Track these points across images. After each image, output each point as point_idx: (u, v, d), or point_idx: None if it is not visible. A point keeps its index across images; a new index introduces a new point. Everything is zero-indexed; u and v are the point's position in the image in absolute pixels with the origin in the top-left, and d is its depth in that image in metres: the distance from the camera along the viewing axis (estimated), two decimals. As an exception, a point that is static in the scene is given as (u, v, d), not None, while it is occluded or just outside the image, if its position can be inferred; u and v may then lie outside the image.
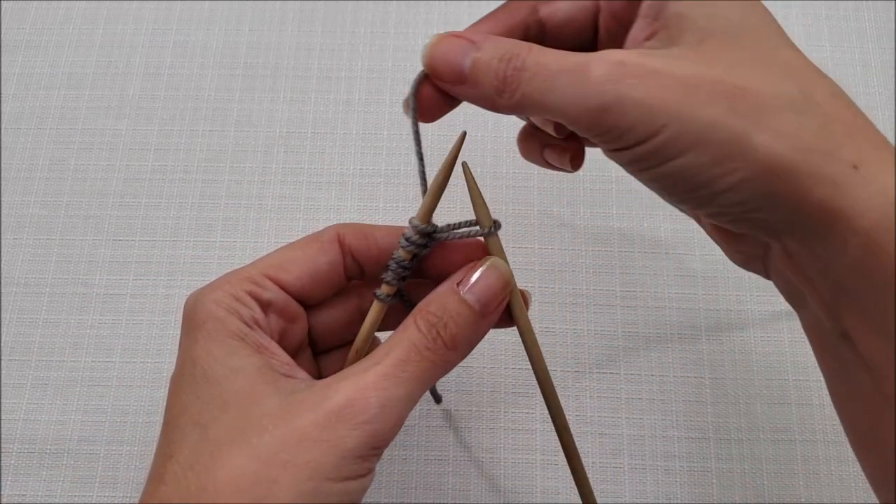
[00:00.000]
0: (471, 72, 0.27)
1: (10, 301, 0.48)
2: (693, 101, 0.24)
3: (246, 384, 0.26)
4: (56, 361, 0.46)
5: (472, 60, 0.27)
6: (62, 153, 0.52)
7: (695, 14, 0.26)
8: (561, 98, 0.26)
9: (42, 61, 0.55)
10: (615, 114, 0.25)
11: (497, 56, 0.27)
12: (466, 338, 0.28)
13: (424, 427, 0.44)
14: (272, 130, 0.52)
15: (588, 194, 0.50)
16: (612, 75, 0.25)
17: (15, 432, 0.44)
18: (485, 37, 0.28)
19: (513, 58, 0.27)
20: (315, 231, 0.32)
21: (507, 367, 0.45)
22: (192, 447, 0.25)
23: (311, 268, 0.30)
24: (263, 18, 0.56)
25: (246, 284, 0.29)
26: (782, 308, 0.47)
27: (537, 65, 0.26)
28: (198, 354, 0.27)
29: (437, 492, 0.43)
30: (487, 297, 0.29)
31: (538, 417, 0.44)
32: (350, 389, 0.26)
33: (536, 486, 0.43)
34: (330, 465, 0.25)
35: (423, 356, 0.27)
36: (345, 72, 0.54)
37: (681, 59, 0.25)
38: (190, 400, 0.26)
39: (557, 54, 0.26)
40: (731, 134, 0.24)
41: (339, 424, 0.25)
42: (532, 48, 0.27)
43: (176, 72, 0.54)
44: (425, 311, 0.28)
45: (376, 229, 0.32)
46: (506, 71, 0.27)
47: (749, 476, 0.43)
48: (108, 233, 0.49)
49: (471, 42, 0.27)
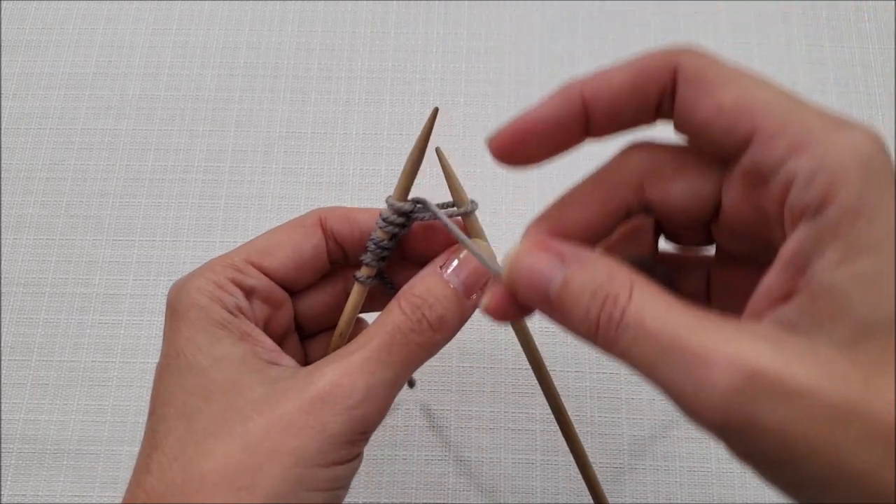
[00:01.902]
0: (557, 300, 0.23)
1: (10, 301, 0.48)
2: (844, 441, 0.18)
3: (230, 373, 0.26)
4: (56, 361, 0.46)
5: (560, 285, 0.22)
6: (62, 153, 0.52)
7: (855, 295, 0.19)
8: (670, 382, 0.20)
9: (42, 61, 0.55)
10: (742, 434, 0.19)
11: (589, 290, 0.22)
12: (451, 319, 0.28)
13: (424, 427, 0.44)
14: (272, 130, 0.52)
15: (588, 194, 0.50)
16: (744, 390, 0.18)
17: (15, 432, 0.44)
18: (576, 253, 0.23)
19: (607, 299, 0.21)
20: (298, 216, 0.32)
21: (507, 367, 0.45)
22: (177, 438, 0.25)
23: (295, 253, 0.30)
24: (263, 18, 0.56)
25: (229, 271, 0.28)
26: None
27: (639, 324, 0.20)
28: (181, 344, 0.27)
29: (437, 492, 0.43)
30: (471, 279, 0.29)
31: (538, 417, 0.44)
32: (335, 374, 0.26)
33: (536, 486, 0.43)
34: (316, 451, 0.25)
35: (409, 339, 0.27)
36: (345, 72, 0.54)
37: (830, 369, 0.19)
38: (174, 391, 0.26)
39: (669, 312, 0.20)
40: (884, 488, 0.18)
41: (325, 410, 0.25)
42: (634, 291, 0.21)
43: (176, 72, 0.54)
44: (409, 294, 0.28)
45: (358, 212, 0.32)
46: (599, 315, 0.21)
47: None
48: (108, 233, 0.49)
49: (560, 258, 0.23)
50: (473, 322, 0.46)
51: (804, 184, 0.20)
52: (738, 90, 0.22)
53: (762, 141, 0.22)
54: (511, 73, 0.54)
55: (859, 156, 0.20)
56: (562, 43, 0.54)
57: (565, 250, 0.23)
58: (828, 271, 0.20)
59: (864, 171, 0.20)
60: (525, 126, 0.25)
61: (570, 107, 0.24)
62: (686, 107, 0.23)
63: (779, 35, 0.54)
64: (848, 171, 0.19)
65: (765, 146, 0.22)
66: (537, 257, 0.23)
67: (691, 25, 0.55)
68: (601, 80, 0.25)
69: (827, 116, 0.21)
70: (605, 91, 0.24)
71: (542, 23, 0.55)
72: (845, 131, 0.20)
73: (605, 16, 0.55)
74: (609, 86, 0.24)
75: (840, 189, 0.19)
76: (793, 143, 0.21)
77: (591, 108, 0.25)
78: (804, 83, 0.53)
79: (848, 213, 0.19)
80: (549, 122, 0.25)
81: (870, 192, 0.19)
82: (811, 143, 0.20)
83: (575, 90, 0.24)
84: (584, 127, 0.25)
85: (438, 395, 0.45)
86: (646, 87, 0.24)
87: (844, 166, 0.20)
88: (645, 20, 0.55)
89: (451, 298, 0.28)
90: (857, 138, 0.20)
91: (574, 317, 0.22)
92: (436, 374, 0.45)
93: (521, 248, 0.24)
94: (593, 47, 0.54)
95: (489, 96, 0.53)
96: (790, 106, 0.21)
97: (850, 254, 0.19)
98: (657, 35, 0.54)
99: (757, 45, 0.54)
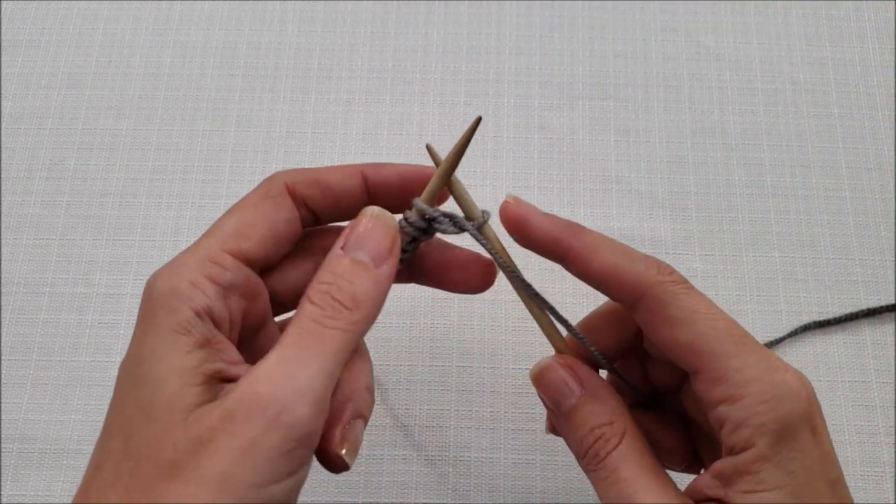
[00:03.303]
0: (564, 416, 0.30)
1: (10, 301, 0.48)
2: None
3: (175, 389, 0.24)
4: (56, 361, 0.46)
5: (571, 407, 0.30)
6: (62, 153, 0.52)
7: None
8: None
9: (42, 61, 0.55)
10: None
11: (589, 425, 0.29)
12: (366, 293, 0.27)
13: (424, 427, 0.44)
14: (272, 130, 0.52)
15: (588, 194, 0.50)
16: None
17: (15, 432, 0.44)
18: (593, 385, 0.30)
19: (600, 439, 0.28)
20: (258, 185, 0.30)
21: (507, 367, 0.45)
22: (115, 462, 0.24)
23: (271, 230, 0.29)
24: (263, 18, 0.56)
25: (206, 267, 0.27)
26: (782, 308, 0.47)
27: (614, 469, 0.28)
28: (143, 352, 0.25)
29: (437, 492, 0.43)
30: (376, 247, 0.28)
31: (538, 417, 0.44)
32: (255, 385, 0.24)
33: (536, 486, 0.43)
34: (249, 471, 0.23)
35: (326, 325, 0.26)
36: (345, 72, 0.54)
37: None
38: (126, 401, 0.25)
39: (639, 469, 0.28)
40: None
41: (250, 425, 0.23)
42: (623, 441, 0.28)
43: (176, 72, 0.54)
44: (315, 283, 0.27)
45: (328, 173, 0.31)
46: (590, 447, 0.29)
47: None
48: (108, 233, 0.49)
49: (579, 383, 0.30)
50: (474, 322, 0.46)
51: (731, 429, 0.26)
52: (691, 333, 0.27)
53: (704, 381, 0.27)
54: (511, 73, 0.54)
55: (779, 411, 0.25)
56: (562, 43, 0.55)
57: (585, 378, 0.30)
58: (738, 495, 0.26)
59: (780, 424, 0.25)
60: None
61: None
62: (646, 327, 0.29)
63: (779, 35, 0.54)
64: (765, 426, 0.25)
65: (706, 387, 0.27)
66: (563, 374, 0.30)
67: (691, 25, 0.55)
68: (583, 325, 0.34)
69: (763, 363, 0.26)
70: (590, 320, 0.34)
71: (542, 23, 0.55)
72: (775, 382, 0.26)
73: (605, 16, 0.55)
74: (591, 323, 0.34)
75: (758, 440, 0.25)
76: (727, 393, 0.26)
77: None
78: (804, 83, 0.53)
79: (759, 458, 0.25)
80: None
81: (780, 444, 0.25)
82: (742, 397, 0.26)
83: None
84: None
85: (438, 395, 0.45)
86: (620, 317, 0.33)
87: (765, 423, 0.25)
88: (645, 20, 0.55)
89: (359, 273, 0.27)
90: (784, 387, 0.26)
91: (571, 435, 0.29)
92: (436, 374, 0.45)
93: (552, 361, 0.31)
94: (593, 47, 0.54)
95: (489, 96, 0.53)
96: (733, 352, 0.27)
97: (757, 487, 0.25)
98: (657, 35, 0.55)
99: (757, 45, 0.54)
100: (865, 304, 0.47)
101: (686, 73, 0.54)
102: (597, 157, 0.51)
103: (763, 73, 0.53)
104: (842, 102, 0.52)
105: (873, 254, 0.48)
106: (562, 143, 0.51)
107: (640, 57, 0.54)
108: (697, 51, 0.54)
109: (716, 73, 0.54)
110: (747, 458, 0.26)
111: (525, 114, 0.52)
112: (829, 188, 0.50)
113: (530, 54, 0.54)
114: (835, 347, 0.46)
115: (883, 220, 0.49)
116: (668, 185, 0.50)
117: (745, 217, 0.49)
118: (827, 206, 0.50)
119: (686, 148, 0.51)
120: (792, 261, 0.48)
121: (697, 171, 0.51)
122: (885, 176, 0.50)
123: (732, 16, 0.55)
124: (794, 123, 0.52)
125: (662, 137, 0.52)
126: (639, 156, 0.51)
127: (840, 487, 0.27)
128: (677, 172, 0.51)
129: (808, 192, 0.50)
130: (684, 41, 0.55)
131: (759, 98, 0.53)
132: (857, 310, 0.46)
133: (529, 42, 0.55)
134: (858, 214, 0.49)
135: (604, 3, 0.56)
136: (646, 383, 0.34)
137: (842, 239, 0.49)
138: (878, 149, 0.51)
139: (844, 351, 0.46)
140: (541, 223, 0.30)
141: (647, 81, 0.53)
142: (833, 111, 0.52)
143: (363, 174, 0.32)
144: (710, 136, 0.52)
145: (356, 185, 0.31)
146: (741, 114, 0.52)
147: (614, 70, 0.54)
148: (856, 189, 0.50)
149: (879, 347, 0.46)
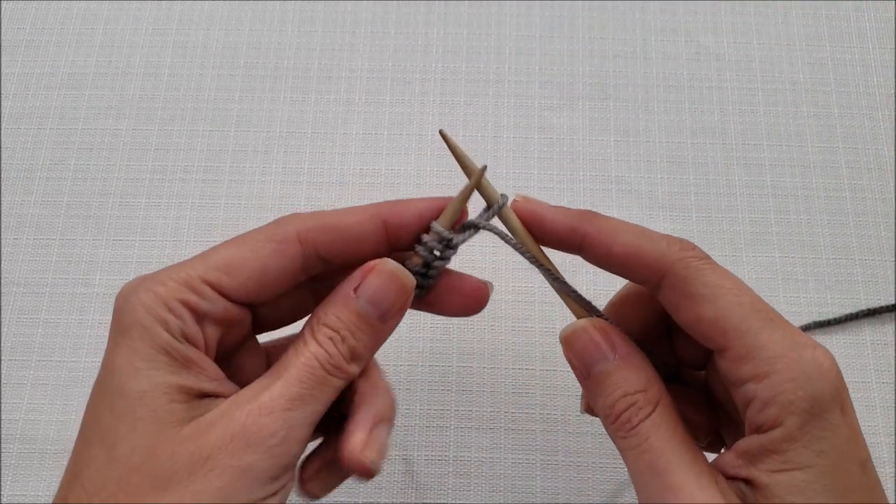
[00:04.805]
0: (594, 380, 0.28)
1: (10, 301, 0.48)
2: None
3: (160, 404, 0.25)
4: (56, 361, 0.46)
5: (603, 371, 0.28)
6: (62, 153, 0.52)
7: (785, 497, 0.25)
8: (644, 491, 0.26)
9: (42, 61, 0.55)
10: None
11: (622, 390, 0.27)
12: (367, 348, 0.28)
13: (424, 427, 0.44)
14: (272, 130, 0.52)
15: (588, 194, 0.50)
16: None
17: (15, 432, 0.44)
18: (627, 350, 0.28)
19: (634, 406, 0.27)
20: (272, 222, 0.29)
21: (507, 367, 0.45)
22: (98, 471, 0.24)
23: (259, 273, 0.28)
24: (263, 18, 0.56)
25: (181, 291, 0.26)
26: (782, 308, 0.47)
27: (646, 437, 0.27)
28: (119, 365, 0.25)
29: (437, 492, 0.43)
30: (386, 304, 0.28)
31: (538, 417, 0.44)
32: (256, 413, 0.25)
33: (536, 486, 0.43)
34: (241, 490, 0.24)
35: (326, 369, 0.27)
36: (345, 72, 0.54)
37: None
38: (103, 413, 0.25)
39: (672, 439, 0.26)
40: None
41: (248, 451, 0.25)
42: (657, 409, 0.27)
43: (176, 72, 0.54)
44: (322, 324, 0.27)
45: (343, 218, 0.29)
46: (621, 413, 0.27)
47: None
48: (108, 233, 0.49)
49: (610, 350, 0.28)
50: (474, 322, 0.46)
51: (759, 407, 0.25)
52: (715, 309, 0.26)
53: (731, 359, 0.26)
54: (511, 74, 0.54)
55: (809, 389, 0.25)
56: (562, 43, 0.55)
57: (619, 343, 0.28)
58: (765, 475, 0.25)
59: (810, 403, 0.24)
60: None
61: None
62: (670, 307, 0.28)
63: (779, 35, 0.54)
64: (794, 404, 0.25)
65: (732, 364, 0.26)
66: (596, 337, 0.29)
67: (691, 25, 0.55)
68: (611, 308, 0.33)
69: (790, 339, 0.26)
70: (613, 305, 0.33)
71: (542, 23, 0.55)
72: (804, 359, 0.25)
73: (605, 16, 0.55)
74: (615, 308, 0.33)
75: (786, 418, 0.25)
76: (754, 371, 0.25)
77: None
78: (804, 83, 0.53)
79: (788, 437, 0.25)
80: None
81: (809, 423, 0.24)
82: (770, 374, 0.25)
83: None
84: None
85: (438, 395, 0.45)
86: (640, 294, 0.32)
87: (793, 401, 0.25)
88: (645, 20, 0.55)
89: (365, 330, 0.27)
90: (813, 364, 0.25)
91: (601, 399, 0.28)
92: (436, 374, 0.45)
93: (586, 323, 0.29)
94: (593, 47, 0.54)
95: (489, 96, 0.53)
96: (759, 328, 0.26)
97: (785, 467, 0.25)
98: (657, 35, 0.55)
99: (757, 45, 0.54)
100: (865, 304, 0.47)
101: (686, 73, 0.54)
102: (597, 158, 0.51)
103: (763, 73, 0.53)
104: (842, 102, 0.52)
105: (873, 254, 0.48)
106: (562, 144, 0.51)
107: (639, 57, 0.54)
108: (697, 51, 0.54)
109: (716, 73, 0.54)
110: (775, 436, 0.25)
111: (525, 114, 0.52)
112: (829, 188, 0.50)
113: (530, 54, 0.54)
114: (835, 348, 0.46)
115: (883, 220, 0.49)
116: (668, 185, 0.50)
117: (745, 217, 0.49)
118: (827, 206, 0.50)
119: (686, 148, 0.51)
120: (792, 261, 0.48)
121: (697, 171, 0.51)
122: (885, 176, 0.50)
123: (732, 16, 0.55)
124: (794, 123, 0.52)
125: (662, 137, 0.52)
126: (639, 156, 0.51)
127: (869, 468, 0.26)
128: (677, 172, 0.51)
129: (808, 192, 0.50)
130: (684, 41, 0.55)
131: (759, 98, 0.53)
132: (857, 310, 0.46)
133: (529, 42, 0.55)
134: (858, 214, 0.49)
135: (604, 3, 0.56)
136: (672, 357, 0.33)
137: (842, 239, 0.49)
138: (878, 149, 0.51)
139: (844, 351, 0.46)
140: (555, 216, 0.29)
141: (647, 81, 0.53)
142: (833, 111, 0.52)
143: (381, 218, 0.30)
144: (710, 136, 0.52)
145: (373, 229, 0.30)
146: (741, 114, 0.52)
147: (614, 70, 0.54)
148: (856, 189, 0.50)
149: (879, 347, 0.46)
